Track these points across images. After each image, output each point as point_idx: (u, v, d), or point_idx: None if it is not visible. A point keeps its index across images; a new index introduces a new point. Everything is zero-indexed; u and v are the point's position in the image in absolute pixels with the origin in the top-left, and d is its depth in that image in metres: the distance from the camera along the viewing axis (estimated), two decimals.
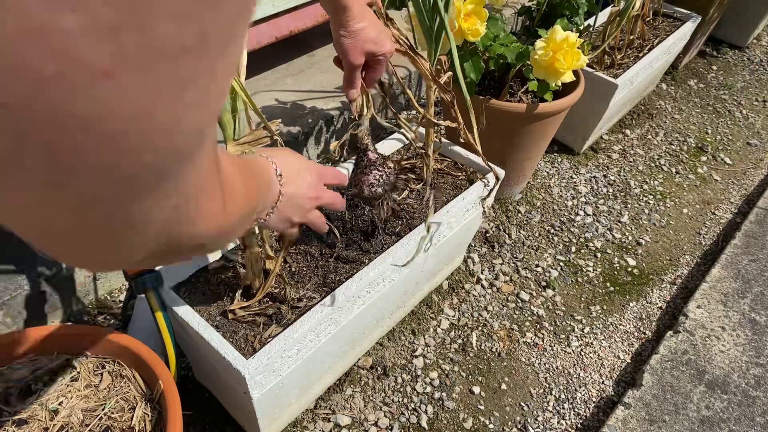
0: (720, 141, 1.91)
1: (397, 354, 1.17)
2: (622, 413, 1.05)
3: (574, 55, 1.19)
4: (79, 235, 0.21)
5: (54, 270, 1.06)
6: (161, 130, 0.18)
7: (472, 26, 1.12)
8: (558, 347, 1.22)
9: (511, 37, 1.31)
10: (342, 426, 1.04)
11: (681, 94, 2.12)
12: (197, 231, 0.28)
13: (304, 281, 0.89)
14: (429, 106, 0.99)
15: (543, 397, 1.13)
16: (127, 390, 0.77)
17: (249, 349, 0.79)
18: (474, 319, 1.26)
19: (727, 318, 1.24)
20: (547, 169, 1.70)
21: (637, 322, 1.30)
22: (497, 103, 1.28)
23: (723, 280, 1.33)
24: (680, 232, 1.55)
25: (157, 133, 0.18)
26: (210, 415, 1.02)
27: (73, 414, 0.72)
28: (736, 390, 1.10)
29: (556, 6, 1.48)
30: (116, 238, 0.23)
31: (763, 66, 2.34)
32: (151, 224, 0.23)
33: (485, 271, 1.37)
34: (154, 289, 0.79)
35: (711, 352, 1.17)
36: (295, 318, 0.82)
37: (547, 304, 1.31)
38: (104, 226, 0.21)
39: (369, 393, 1.10)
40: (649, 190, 1.68)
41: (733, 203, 1.67)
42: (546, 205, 1.57)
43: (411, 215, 1.01)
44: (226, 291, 0.86)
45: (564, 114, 1.39)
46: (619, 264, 1.43)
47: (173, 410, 0.72)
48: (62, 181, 0.18)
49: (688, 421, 1.04)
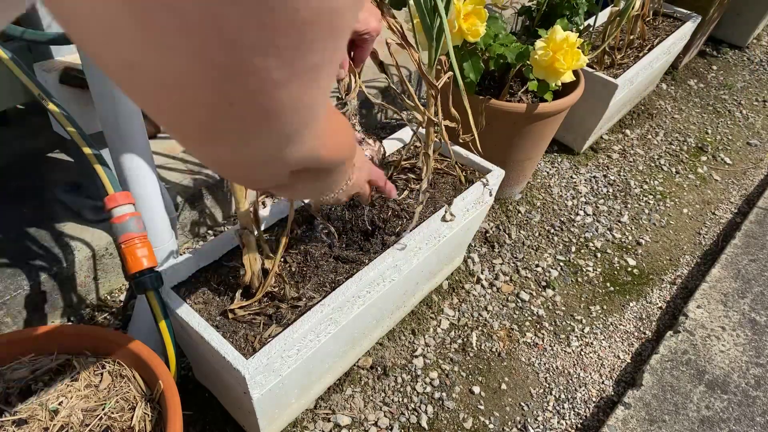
0: (720, 141, 1.91)
1: (397, 354, 1.17)
2: (622, 413, 1.05)
3: (574, 55, 1.19)
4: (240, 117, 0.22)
5: (54, 270, 1.06)
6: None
7: (472, 26, 1.12)
8: (558, 347, 1.22)
9: (511, 37, 1.31)
10: (342, 426, 1.04)
11: (681, 94, 2.12)
12: (323, 142, 0.31)
13: (304, 281, 0.89)
14: (429, 105, 0.99)
15: (543, 397, 1.13)
16: (127, 390, 0.77)
17: (249, 349, 0.79)
18: (474, 319, 1.26)
19: (727, 318, 1.24)
20: (547, 169, 1.70)
21: (637, 322, 1.30)
22: (497, 103, 1.28)
23: (723, 280, 1.33)
24: (680, 232, 1.55)
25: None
26: (210, 415, 1.02)
27: (73, 414, 0.72)
28: (736, 390, 1.10)
29: (556, 6, 1.48)
30: (268, 123, 0.23)
31: (763, 66, 2.34)
32: (293, 114, 0.23)
33: (485, 271, 1.37)
34: (154, 289, 0.79)
35: (711, 352, 1.17)
36: (295, 318, 0.82)
37: (547, 304, 1.31)
38: (260, 100, 0.21)
39: (369, 393, 1.10)
40: (649, 190, 1.68)
41: (733, 203, 1.67)
42: (546, 205, 1.57)
43: (411, 215, 1.01)
44: (225, 291, 0.86)
45: (564, 114, 1.39)
46: (619, 264, 1.43)
47: (173, 410, 0.72)
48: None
49: (688, 421, 1.04)
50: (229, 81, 0.19)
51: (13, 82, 0.95)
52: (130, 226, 0.80)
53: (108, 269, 1.16)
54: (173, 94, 0.20)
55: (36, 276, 1.04)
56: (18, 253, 1.06)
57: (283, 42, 0.19)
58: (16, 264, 1.04)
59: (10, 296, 1.01)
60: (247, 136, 0.24)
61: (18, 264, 1.04)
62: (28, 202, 1.16)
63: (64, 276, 1.08)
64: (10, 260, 1.05)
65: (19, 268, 1.04)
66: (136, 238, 0.80)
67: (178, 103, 0.21)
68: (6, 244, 1.07)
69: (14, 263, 1.05)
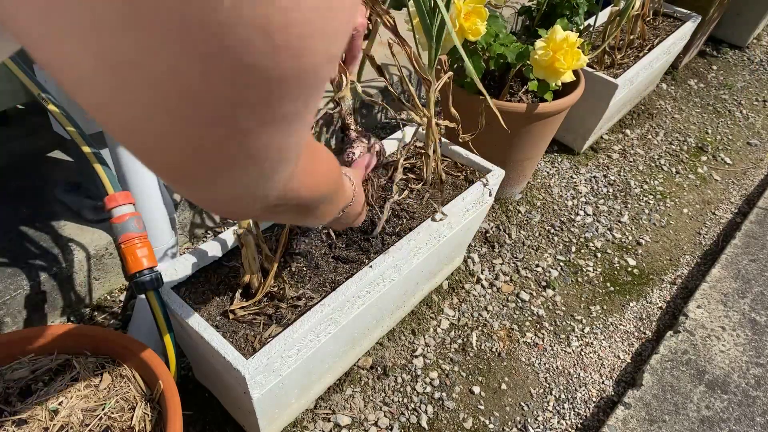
0: (720, 141, 1.91)
1: (397, 354, 1.17)
2: (622, 413, 1.05)
3: (574, 54, 1.19)
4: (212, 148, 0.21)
5: (54, 270, 1.06)
6: (327, 35, 0.19)
7: (473, 25, 1.12)
8: (558, 347, 1.22)
9: (511, 36, 1.31)
10: (342, 426, 1.04)
11: (681, 94, 2.12)
12: (298, 181, 0.31)
13: (303, 281, 0.89)
14: (429, 105, 0.99)
15: (543, 397, 1.13)
16: (127, 390, 0.77)
17: (249, 349, 0.79)
18: (474, 319, 1.26)
19: (727, 318, 1.24)
20: (547, 169, 1.70)
21: (637, 322, 1.30)
22: (497, 103, 1.28)
23: (723, 280, 1.33)
24: (680, 232, 1.55)
25: (323, 36, 0.19)
26: (210, 415, 1.02)
27: (73, 414, 0.72)
28: (736, 390, 1.10)
29: (556, 6, 1.48)
30: (237, 168, 0.23)
31: (763, 66, 2.34)
32: (264, 160, 0.23)
33: (485, 271, 1.37)
34: (154, 289, 0.79)
35: (711, 352, 1.17)
36: (295, 318, 0.82)
37: (547, 304, 1.31)
38: (233, 143, 0.21)
39: (369, 393, 1.10)
40: (649, 190, 1.68)
41: (733, 203, 1.67)
42: (546, 205, 1.57)
43: (411, 215, 1.01)
44: (225, 291, 0.86)
45: (564, 114, 1.39)
46: (619, 264, 1.43)
47: (173, 410, 0.72)
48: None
49: (688, 421, 1.04)
50: (194, 130, 0.19)
51: (13, 82, 0.95)
52: (130, 226, 0.80)
53: (108, 269, 1.16)
54: (138, 138, 0.20)
55: (36, 276, 1.04)
56: (18, 253, 1.06)
57: (251, 96, 0.19)
58: (16, 264, 1.04)
59: (10, 296, 1.01)
60: (216, 179, 0.23)
61: (18, 264, 1.04)
62: (27, 202, 1.16)
63: (64, 276, 1.08)
64: (10, 260, 1.05)
65: (19, 268, 1.04)
66: (136, 238, 0.80)
67: (144, 146, 0.21)
68: (6, 244, 1.07)
69: (14, 263, 1.05)
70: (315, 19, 0.18)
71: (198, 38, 0.16)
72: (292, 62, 0.18)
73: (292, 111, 0.21)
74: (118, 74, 0.17)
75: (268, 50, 0.17)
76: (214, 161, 0.22)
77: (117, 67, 0.17)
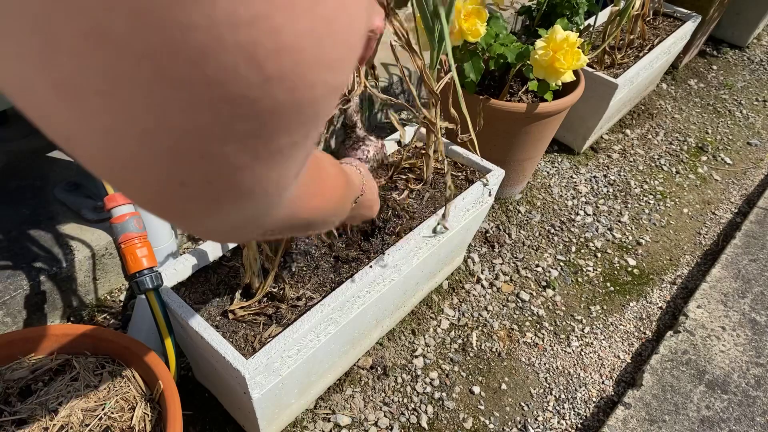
0: (720, 141, 1.91)
1: (397, 354, 1.17)
2: (622, 413, 1.05)
3: (574, 54, 1.19)
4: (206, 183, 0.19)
5: (54, 270, 1.06)
6: (328, 65, 0.17)
7: (472, 26, 1.12)
8: (558, 347, 1.22)
9: (511, 36, 1.31)
10: (342, 426, 1.04)
11: (681, 94, 2.12)
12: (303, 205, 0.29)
13: (303, 281, 0.89)
14: (430, 105, 0.99)
15: (543, 397, 1.13)
16: (127, 390, 0.77)
17: (249, 349, 0.79)
18: (474, 319, 1.25)
19: (728, 318, 1.24)
20: (547, 169, 1.70)
21: (638, 322, 1.30)
22: (497, 103, 1.28)
23: (723, 280, 1.33)
24: (680, 232, 1.55)
25: (321, 65, 0.17)
26: (210, 415, 1.02)
27: (73, 414, 0.72)
28: (737, 390, 1.10)
29: (556, 6, 1.48)
30: (229, 203, 0.21)
31: (763, 66, 2.34)
32: (260, 194, 0.21)
33: (485, 270, 1.36)
34: (154, 289, 0.79)
35: (711, 352, 1.17)
36: (295, 318, 0.82)
37: (547, 304, 1.31)
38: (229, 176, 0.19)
39: (369, 393, 1.10)
40: (650, 189, 1.68)
41: (733, 203, 1.67)
42: (546, 205, 1.57)
43: (411, 215, 1.01)
44: (226, 291, 0.86)
45: (564, 114, 1.39)
46: (619, 264, 1.43)
47: (173, 410, 0.72)
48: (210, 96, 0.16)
49: (688, 421, 1.04)
50: (180, 165, 0.17)
51: None
52: (129, 225, 0.80)
53: (108, 269, 1.16)
54: (114, 173, 0.18)
55: (36, 276, 1.04)
56: (18, 253, 1.06)
57: (241, 129, 0.17)
58: (16, 264, 1.04)
59: (10, 296, 1.01)
60: (208, 215, 0.21)
61: (18, 264, 1.04)
62: (27, 201, 1.16)
63: (64, 276, 1.08)
64: (10, 260, 1.05)
65: (19, 268, 1.04)
66: (135, 238, 0.80)
67: (122, 180, 0.19)
68: (6, 244, 1.07)
69: (14, 263, 1.04)
70: (311, 45, 0.16)
71: (170, 64, 0.14)
72: (286, 95, 0.16)
73: (289, 143, 0.19)
74: (83, 105, 0.15)
75: (258, 80, 0.15)
76: (204, 197, 0.20)
77: (81, 97, 0.15)
